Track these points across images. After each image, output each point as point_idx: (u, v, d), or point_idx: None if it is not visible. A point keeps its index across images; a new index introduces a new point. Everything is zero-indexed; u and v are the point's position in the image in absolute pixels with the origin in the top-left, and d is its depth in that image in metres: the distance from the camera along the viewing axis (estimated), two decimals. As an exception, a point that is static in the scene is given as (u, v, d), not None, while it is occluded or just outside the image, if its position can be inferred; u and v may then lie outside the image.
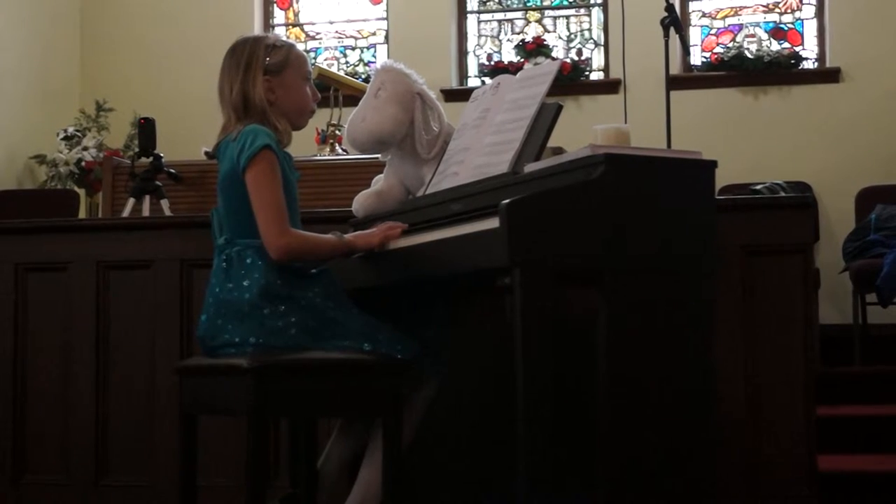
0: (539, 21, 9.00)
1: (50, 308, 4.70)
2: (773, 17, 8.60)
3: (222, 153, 3.40)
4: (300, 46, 4.05)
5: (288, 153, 3.44)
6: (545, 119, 3.41)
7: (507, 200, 2.88)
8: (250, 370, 3.13)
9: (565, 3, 9.00)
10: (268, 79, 3.43)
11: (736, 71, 8.36)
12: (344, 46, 9.28)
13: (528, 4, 9.06)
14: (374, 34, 9.24)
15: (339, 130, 6.17)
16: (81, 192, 8.47)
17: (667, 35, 5.45)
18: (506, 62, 8.73)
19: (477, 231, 3.01)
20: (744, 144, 8.00)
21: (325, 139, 6.30)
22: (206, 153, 3.53)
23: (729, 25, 8.68)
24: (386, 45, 9.10)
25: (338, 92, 6.37)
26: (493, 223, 2.92)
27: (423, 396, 3.58)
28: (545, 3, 9.03)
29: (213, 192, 3.57)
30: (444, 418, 3.71)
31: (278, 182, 3.30)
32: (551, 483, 2.88)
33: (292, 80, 3.49)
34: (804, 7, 8.54)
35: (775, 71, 8.30)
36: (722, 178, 3.52)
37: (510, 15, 9.07)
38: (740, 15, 8.68)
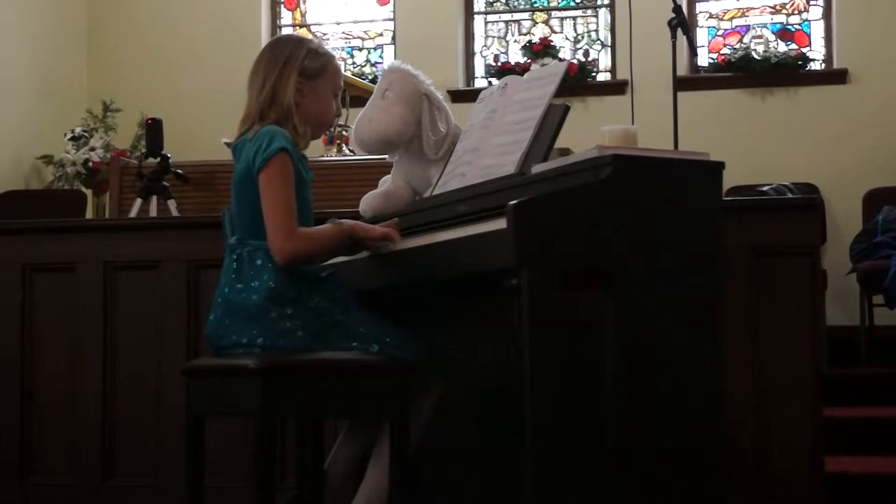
0: (546, 22, 9.00)
1: (57, 308, 4.71)
2: (781, 18, 8.60)
3: (238, 152, 3.40)
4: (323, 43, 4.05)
5: (303, 154, 3.44)
6: (553, 120, 3.41)
7: (514, 201, 2.88)
8: (258, 371, 3.13)
9: (572, 4, 9.00)
10: (300, 81, 3.44)
11: (743, 72, 8.36)
12: (351, 47, 9.29)
13: (535, 5, 9.07)
14: (381, 35, 9.25)
15: (347, 131, 6.17)
16: (89, 192, 8.48)
17: (674, 36, 5.45)
18: (513, 63, 8.73)
19: (484, 232, 3.01)
20: (751, 146, 8.00)
21: (332, 140, 6.30)
22: (226, 143, 3.54)
23: (736, 27, 8.68)
24: (393, 46, 9.11)
25: (345, 93, 6.34)
26: (500, 224, 2.92)
27: (429, 398, 3.57)
28: (552, 4, 9.03)
29: (220, 192, 3.58)
30: (450, 420, 3.71)
31: (290, 186, 3.30)
32: (558, 486, 2.88)
33: (323, 89, 3.49)
34: (811, 8, 8.54)
35: (782, 72, 8.30)
36: (729, 180, 3.52)
37: (517, 16, 9.07)
38: (747, 16, 8.68)
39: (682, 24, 5.46)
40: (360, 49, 9.28)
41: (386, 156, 3.91)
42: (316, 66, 3.47)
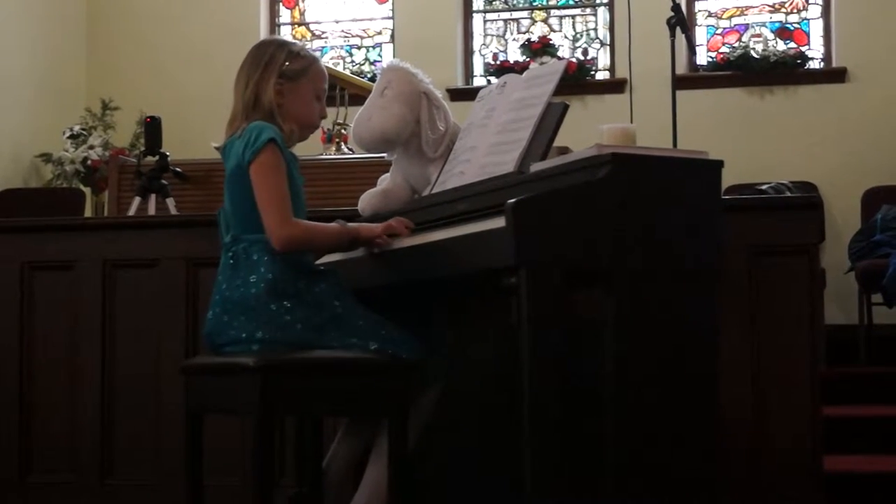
0: (545, 20, 9.00)
1: (56, 307, 4.70)
2: (779, 16, 8.60)
3: (227, 151, 3.42)
4: (306, 46, 4.06)
5: (294, 155, 3.45)
6: (551, 118, 3.41)
7: (513, 200, 2.88)
8: (257, 369, 3.13)
9: (571, 2, 9.00)
10: (280, 82, 3.45)
11: (742, 71, 8.36)
12: (350, 45, 9.29)
13: (534, 4, 9.07)
14: (379, 33, 9.25)
15: (345, 129, 6.18)
16: (87, 190, 8.48)
17: (673, 35, 5.45)
18: (511, 61, 8.73)
19: (483, 230, 3.01)
20: (750, 144, 8.00)
21: (330, 138, 6.30)
22: (216, 147, 3.55)
23: (735, 25, 8.68)
24: (392, 45, 9.11)
25: (343, 91, 6.36)
26: (499, 222, 2.92)
27: (428, 397, 3.58)
28: (551, 3, 9.03)
29: (218, 190, 3.58)
30: (449, 419, 3.71)
31: (282, 174, 3.32)
32: (556, 484, 2.88)
33: (304, 91, 3.50)
34: (810, 7, 8.54)
35: (781, 71, 8.31)
36: (728, 178, 3.51)
37: (516, 14, 9.07)
38: (746, 15, 8.68)
39: (681, 22, 5.46)
40: (359, 47, 9.28)
41: (385, 154, 3.91)
42: (297, 68, 3.49)
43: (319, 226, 3.39)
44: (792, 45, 8.49)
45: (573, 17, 8.97)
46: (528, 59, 8.68)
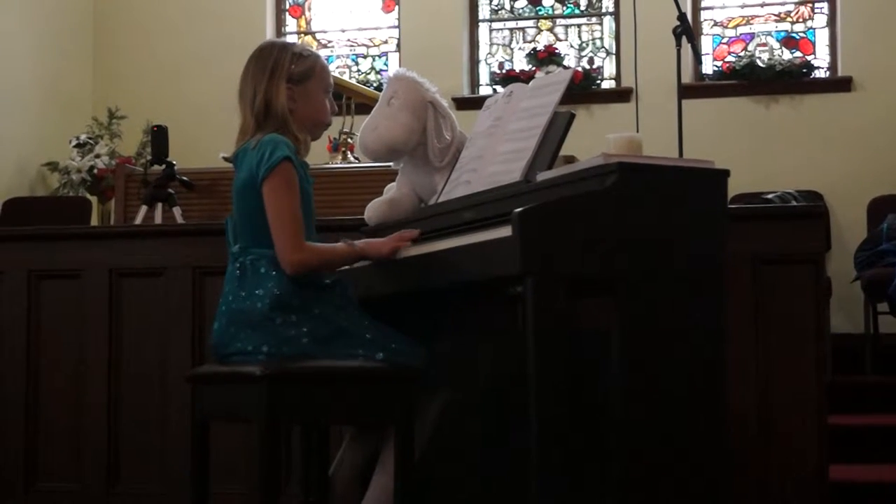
0: (551, 29, 9.01)
1: (62, 315, 4.71)
2: (785, 26, 8.60)
3: (240, 160, 3.41)
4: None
5: (304, 161, 3.46)
6: (558, 128, 3.41)
7: (519, 209, 2.88)
8: (263, 378, 3.14)
9: (577, 11, 9.00)
10: (290, 87, 3.44)
11: (748, 80, 8.36)
12: (356, 54, 9.29)
13: (540, 13, 9.07)
14: (385, 42, 9.25)
15: (352, 138, 6.18)
16: (94, 199, 8.48)
17: (678, 44, 5.44)
18: (517, 71, 8.74)
19: (489, 239, 3.01)
20: (755, 153, 8.00)
21: (337, 147, 6.31)
22: (225, 158, 3.54)
23: (741, 34, 8.68)
24: (398, 54, 9.12)
25: (350, 100, 6.37)
26: (505, 231, 2.92)
27: (434, 405, 3.58)
28: (557, 12, 9.04)
29: (225, 199, 3.59)
30: (456, 427, 3.71)
31: (296, 195, 3.31)
32: (564, 492, 2.88)
33: (314, 91, 3.50)
34: (816, 16, 8.54)
35: (787, 80, 8.30)
36: (734, 188, 3.51)
37: (522, 23, 9.07)
38: (752, 24, 8.68)
39: (687, 31, 5.45)
40: (365, 56, 9.28)
41: (391, 163, 3.91)
42: (303, 70, 3.48)
43: (328, 250, 3.38)
44: (798, 54, 8.49)
45: (579, 26, 8.97)
46: (533, 69, 8.68)
